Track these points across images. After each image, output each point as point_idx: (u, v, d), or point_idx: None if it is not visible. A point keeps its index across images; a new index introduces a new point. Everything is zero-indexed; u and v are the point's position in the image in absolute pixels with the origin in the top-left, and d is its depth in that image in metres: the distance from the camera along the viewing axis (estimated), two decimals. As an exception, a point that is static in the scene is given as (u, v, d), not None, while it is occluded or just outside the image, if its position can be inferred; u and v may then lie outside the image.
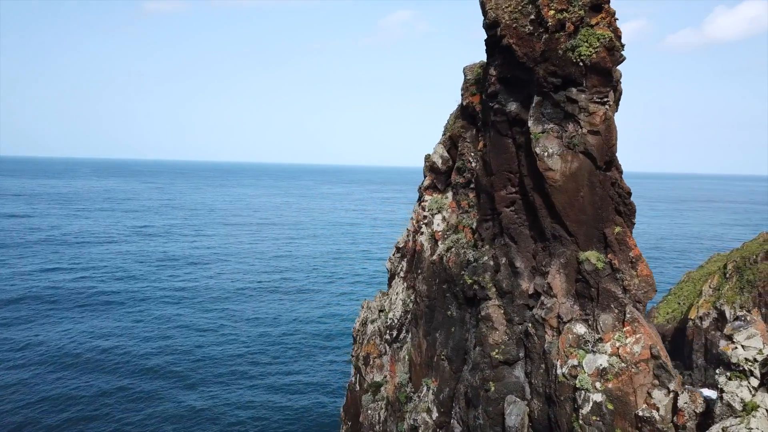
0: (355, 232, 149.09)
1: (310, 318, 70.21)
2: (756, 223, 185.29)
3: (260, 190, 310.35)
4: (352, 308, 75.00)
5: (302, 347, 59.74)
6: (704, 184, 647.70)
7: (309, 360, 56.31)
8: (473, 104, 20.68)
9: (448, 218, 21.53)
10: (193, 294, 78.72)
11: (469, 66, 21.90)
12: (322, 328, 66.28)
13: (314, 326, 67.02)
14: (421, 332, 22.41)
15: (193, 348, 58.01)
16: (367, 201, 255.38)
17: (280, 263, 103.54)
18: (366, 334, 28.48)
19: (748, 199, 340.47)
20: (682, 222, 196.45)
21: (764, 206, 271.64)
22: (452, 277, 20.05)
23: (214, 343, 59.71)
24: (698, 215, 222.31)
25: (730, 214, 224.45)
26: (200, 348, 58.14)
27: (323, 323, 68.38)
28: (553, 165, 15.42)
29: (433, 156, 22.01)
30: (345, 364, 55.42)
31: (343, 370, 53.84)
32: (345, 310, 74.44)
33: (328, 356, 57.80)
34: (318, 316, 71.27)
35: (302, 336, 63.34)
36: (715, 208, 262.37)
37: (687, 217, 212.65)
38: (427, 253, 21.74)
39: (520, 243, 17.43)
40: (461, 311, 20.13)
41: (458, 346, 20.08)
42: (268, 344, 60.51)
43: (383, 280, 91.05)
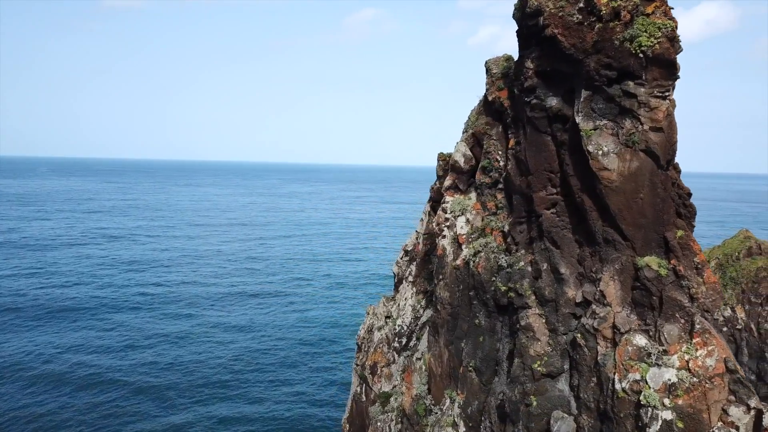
0: (327, 232, 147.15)
1: (288, 323, 68.24)
2: (734, 220, 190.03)
3: (226, 189, 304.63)
4: (331, 312, 73.40)
5: (283, 355, 57.79)
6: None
7: (292, 368, 54.43)
8: (500, 99, 19.49)
9: (473, 221, 20.31)
10: (165, 300, 75.77)
11: (492, 60, 20.72)
12: (301, 334, 64.39)
13: (293, 332, 65.10)
14: (442, 341, 21.16)
15: (167, 358, 55.40)
16: (337, 200, 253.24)
17: (253, 265, 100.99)
18: (372, 341, 27.11)
19: (720, 197, 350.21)
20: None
21: (736, 203, 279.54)
22: (481, 284, 18.85)
23: (189, 353, 57.23)
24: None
25: (707, 211, 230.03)
26: (175, 358, 55.58)
27: (302, 328, 66.51)
28: (609, 164, 14.34)
29: (455, 154, 20.76)
30: (331, 372, 53.90)
31: (330, 378, 52.25)
32: (323, 314, 72.73)
33: (311, 363, 56.03)
34: (296, 320, 69.34)
35: (282, 342, 61.38)
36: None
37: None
38: (449, 257, 20.48)
39: (563, 247, 16.33)
40: (491, 320, 18.96)
41: (488, 357, 18.89)
42: (247, 352, 58.38)
43: (360, 282, 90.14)
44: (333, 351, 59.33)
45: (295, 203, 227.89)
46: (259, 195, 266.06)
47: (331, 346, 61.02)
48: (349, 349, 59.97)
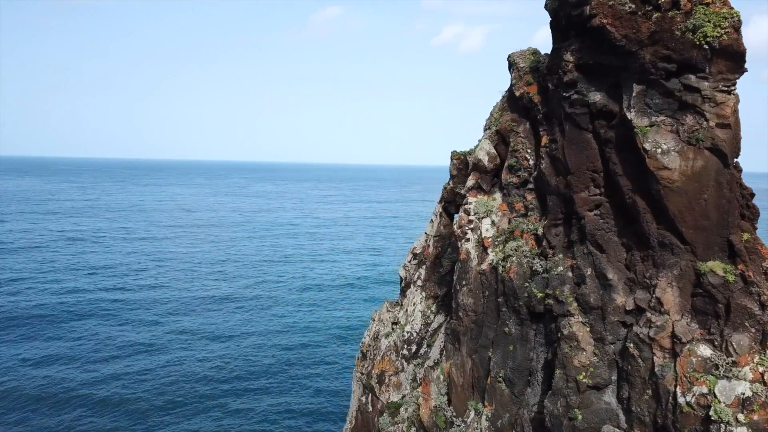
0: (297, 232, 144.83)
1: (267, 328, 66.21)
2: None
3: (191, 188, 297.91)
4: (309, 316, 71.59)
5: (264, 362, 55.74)
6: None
7: (274, 377, 52.44)
8: (529, 95, 18.48)
9: (498, 223, 19.26)
10: (133, 306, 72.61)
11: (517, 53, 19.71)
12: (280, 340, 62.42)
13: (272, 337, 63.09)
14: (465, 350, 20.06)
15: (139, 369, 52.66)
16: (305, 199, 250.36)
17: (224, 268, 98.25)
18: (379, 349, 25.86)
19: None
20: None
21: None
22: (513, 290, 17.80)
23: (163, 363, 54.63)
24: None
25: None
26: (148, 368, 52.91)
27: (281, 333, 64.54)
28: (669, 163, 13.44)
29: (479, 153, 19.66)
30: (316, 380, 52.26)
31: (318, 387, 50.57)
32: (301, 318, 70.90)
33: (293, 371, 54.19)
34: (274, 325, 67.33)
35: (261, 349, 59.37)
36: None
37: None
38: (473, 262, 19.38)
39: (608, 252, 15.39)
40: (522, 328, 17.93)
41: (520, 367, 17.86)
42: (225, 360, 56.15)
43: (335, 284, 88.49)
44: (316, 357, 57.69)
45: (262, 203, 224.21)
46: (225, 195, 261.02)
47: (314, 351, 59.37)
48: (332, 355, 58.53)
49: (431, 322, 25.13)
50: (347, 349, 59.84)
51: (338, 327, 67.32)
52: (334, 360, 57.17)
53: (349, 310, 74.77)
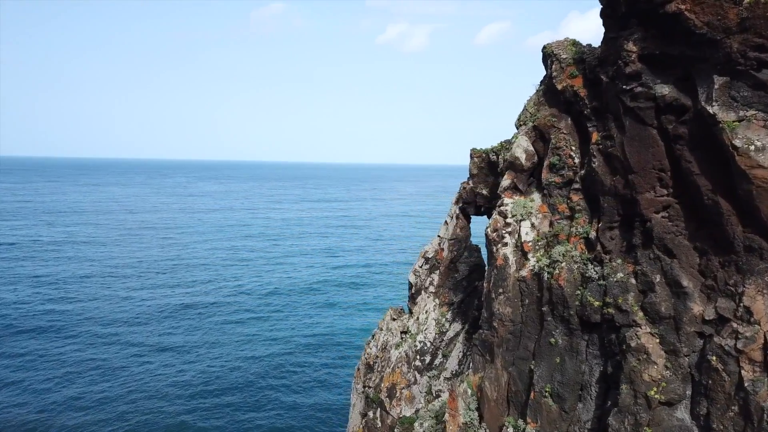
0: (249, 233, 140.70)
1: (231, 339, 62.76)
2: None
3: (132, 188, 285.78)
4: (274, 324, 68.55)
5: (233, 377, 52.53)
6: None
7: (243, 392, 49.76)
8: (573, 88, 17.24)
9: (538, 226, 17.95)
10: (80, 320, 67.33)
11: (556, 44, 18.45)
12: (247, 351, 59.31)
13: (239, 349, 59.87)
14: (500, 363, 18.65)
15: (95, 392, 48.52)
16: (253, 198, 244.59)
17: (178, 273, 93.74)
18: (389, 361, 24.20)
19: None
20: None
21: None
22: (563, 298, 16.51)
23: (119, 383, 50.20)
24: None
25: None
26: (105, 391, 48.68)
27: (247, 344, 61.36)
28: (765, 161, 12.38)
29: (516, 150, 18.28)
30: (291, 393, 49.92)
31: (293, 401, 48.21)
32: (266, 326, 67.80)
33: (265, 383, 51.74)
34: (239, 336, 63.86)
35: (229, 361, 56.17)
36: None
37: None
38: (512, 268, 17.99)
39: (680, 257, 14.28)
40: (572, 338, 16.66)
41: (571, 381, 16.59)
42: (191, 374, 52.83)
43: (297, 288, 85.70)
44: (285, 369, 55.05)
45: (209, 203, 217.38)
46: (168, 195, 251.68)
47: (282, 362, 56.77)
48: (302, 365, 56.17)
49: (446, 331, 23.67)
50: (317, 359, 57.58)
51: (304, 335, 64.87)
52: (304, 371, 54.81)
53: (313, 316, 72.38)
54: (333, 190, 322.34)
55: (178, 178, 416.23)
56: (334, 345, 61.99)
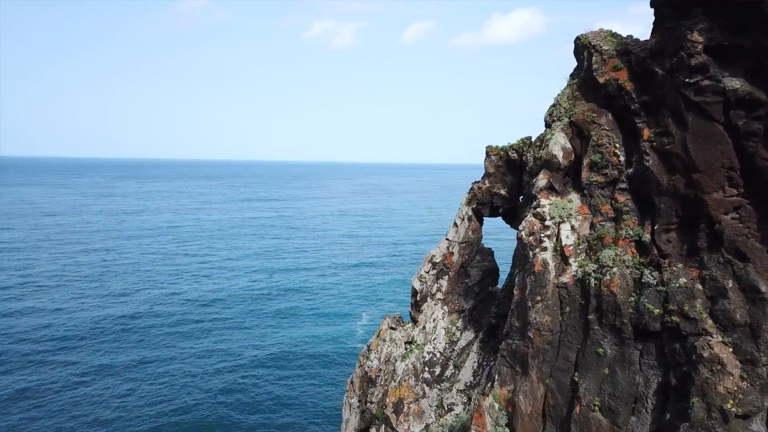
0: (182, 237, 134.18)
1: (178, 354, 58.65)
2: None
3: (44, 188, 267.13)
4: (223, 337, 64.55)
5: (189, 401, 49.00)
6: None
7: (196, 413, 46.50)
8: (617, 82, 16.22)
9: (578, 228, 16.84)
10: (16, 339, 61.52)
11: (591, 34, 17.39)
12: (197, 368, 55.43)
13: (188, 366, 55.94)
14: (535, 375, 17.44)
15: (36, 421, 44.05)
16: (180, 198, 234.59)
17: (107, 281, 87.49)
18: (394, 373, 22.54)
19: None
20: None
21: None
22: (615, 306, 15.46)
23: (62, 412, 45.82)
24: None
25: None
26: (46, 419, 44.26)
27: (198, 360, 57.39)
28: None
29: (553, 147, 17.07)
30: (256, 414, 47.07)
31: (258, 423, 45.40)
32: (215, 340, 63.79)
33: (219, 402, 48.61)
34: (188, 352, 59.64)
35: (178, 381, 52.31)
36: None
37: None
38: (551, 274, 16.79)
39: (754, 260, 13.51)
40: (623, 348, 15.66)
41: (624, 394, 15.58)
42: (135, 398, 48.78)
43: (241, 296, 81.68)
44: (244, 386, 51.92)
45: (133, 204, 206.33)
46: (86, 195, 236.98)
47: (241, 378, 53.60)
48: (261, 380, 53.29)
49: (457, 340, 22.28)
50: (271, 372, 54.59)
51: (254, 346, 61.59)
52: (259, 385, 51.78)
53: (261, 326, 68.93)
54: (264, 188, 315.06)
55: (96, 177, 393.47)
56: (289, 355, 59.25)
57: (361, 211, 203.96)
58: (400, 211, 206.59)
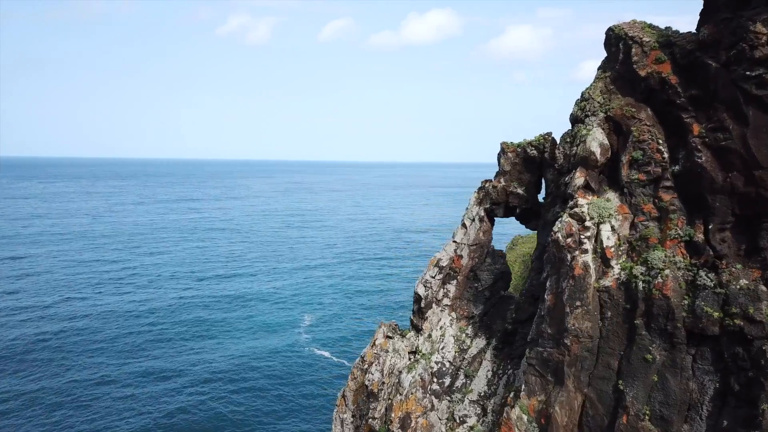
0: (97, 242, 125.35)
1: (116, 375, 54.19)
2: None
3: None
4: (163, 353, 60.39)
5: (137, 425, 45.19)
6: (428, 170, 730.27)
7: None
8: (660, 75, 15.50)
9: (618, 229, 16.03)
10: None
11: (626, 25, 16.60)
12: (137, 389, 51.42)
13: (129, 387, 51.74)
14: (572, 384, 16.50)
15: None
16: (85, 199, 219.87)
17: (22, 294, 79.87)
18: (400, 386, 21.05)
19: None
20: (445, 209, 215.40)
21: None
22: (668, 310, 14.73)
23: None
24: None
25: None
26: None
27: (137, 381, 53.21)
28: None
29: (590, 144, 16.14)
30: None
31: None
32: (155, 357, 59.59)
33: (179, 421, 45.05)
34: (126, 371, 55.27)
35: (118, 405, 48.22)
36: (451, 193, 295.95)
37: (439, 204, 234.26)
38: (592, 277, 15.89)
39: (823, 260, 13.13)
40: (674, 353, 14.97)
41: (677, 401, 14.90)
42: (80, 421, 44.46)
43: (169, 306, 76.70)
44: (188, 407, 48.40)
45: (38, 206, 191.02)
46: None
47: (186, 396, 50.01)
48: (207, 398, 49.91)
49: (468, 348, 21.07)
50: (214, 390, 51.41)
51: (195, 363, 57.85)
52: (204, 404, 48.59)
53: (201, 340, 65.08)
54: (181, 188, 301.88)
55: None
56: (233, 370, 55.93)
57: (287, 210, 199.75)
58: (328, 210, 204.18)
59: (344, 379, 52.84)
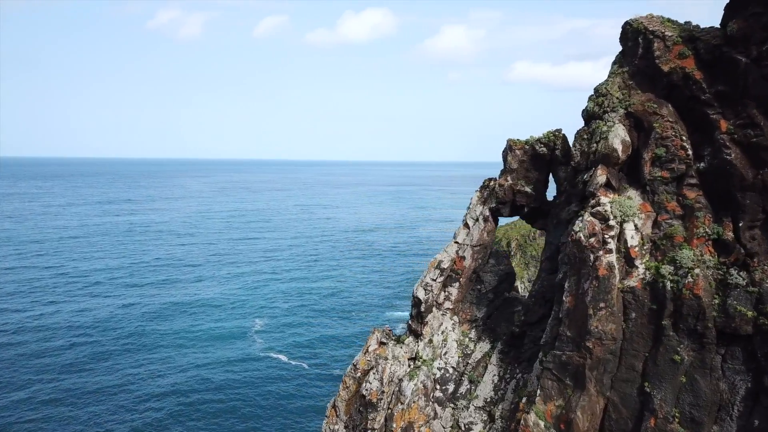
0: (26, 247, 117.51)
1: (66, 389, 50.44)
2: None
3: None
4: (115, 368, 56.53)
5: None
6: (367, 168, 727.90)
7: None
8: (683, 70, 15.22)
9: (641, 228, 15.66)
10: None
11: (644, 19, 16.25)
12: (94, 405, 48.06)
13: (60, 401, 48.14)
14: (594, 387, 16.04)
15: None
16: (8, 201, 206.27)
17: None
18: (401, 395, 20.11)
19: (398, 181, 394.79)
20: (392, 208, 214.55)
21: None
22: (698, 309, 14.45)
23: None
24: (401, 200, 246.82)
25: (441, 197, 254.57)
26: None
27: (67, 395, 49.63)
28: None
29: (613, 141, 15.68)
30: None
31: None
32: (99, 373, 55.79)
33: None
34: (56, 386, 51.45)
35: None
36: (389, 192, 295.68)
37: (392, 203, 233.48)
38: (616, 278, 15.45)
39: None
40: (703, 353, 14.72)
41: (708, 402, 14.65)
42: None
43: (102, 320, 72.12)
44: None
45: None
46: None
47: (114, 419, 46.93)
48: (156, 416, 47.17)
49: (471, 353, 20.34)
50: (178, 406, 48.73)
51: (145, 379, 54.52)
52: (169, 422, 45.93)
53: (151, 352, 61.50)
54: (113, 189, 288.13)
55: None
56: (189, 384, 53.14)
57: (226, 210, 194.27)
58: (269, 210, 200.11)
59: (310, 386, 51.34)
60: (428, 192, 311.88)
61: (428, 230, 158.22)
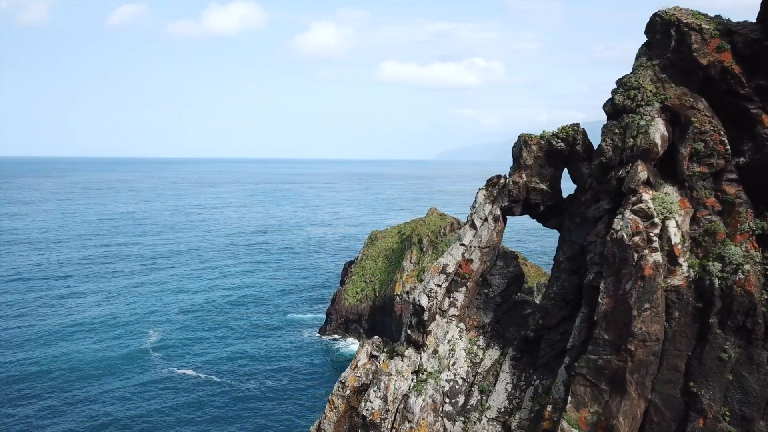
0: None
1: None
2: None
3: None
4: None
5: None
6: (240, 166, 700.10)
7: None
8: (722, 64, 15.02)
9: (681, 224, 15.28)
10: None
11: (676, 11, 15.86)
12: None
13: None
14: (635, 391, 15.49)
15: None
16: None
17: None
18: (409, 412, 18.47)
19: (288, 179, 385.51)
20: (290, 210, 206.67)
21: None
22: (747, 306, 14.29)
23: None
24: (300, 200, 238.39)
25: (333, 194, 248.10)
26: None
27: None
28: None
29: (653, 135, 15.09)
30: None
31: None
32: None
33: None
34: None
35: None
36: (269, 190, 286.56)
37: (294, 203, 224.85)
38: (661, 277, 14.94)
39: None
40: (751, 350, 14.61)
41: (756, 398, 14.56)
42: None
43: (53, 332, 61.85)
44: None
45: None
46: None
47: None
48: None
49: (481, 361, 19.07)
50: None
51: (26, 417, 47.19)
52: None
53: (27, 382, 53.39)
54: (29, 191, 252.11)
55: None
56: (89, 415, 46.75)
57: (92, 214, 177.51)
58: (140, 213, 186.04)
59: (225, 395, 47.47)
60: (310, 190, 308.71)
61: (318, 230, 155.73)
